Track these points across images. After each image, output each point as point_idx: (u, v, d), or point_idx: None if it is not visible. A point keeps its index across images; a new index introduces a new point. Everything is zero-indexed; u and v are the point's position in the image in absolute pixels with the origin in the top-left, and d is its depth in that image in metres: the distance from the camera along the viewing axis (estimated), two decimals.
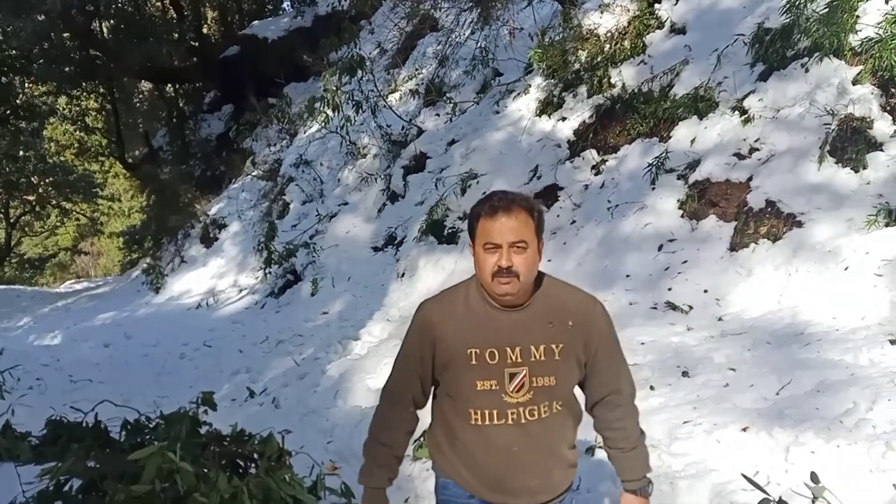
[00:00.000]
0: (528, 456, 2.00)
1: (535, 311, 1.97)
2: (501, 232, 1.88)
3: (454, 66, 9.77)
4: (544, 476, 2.04)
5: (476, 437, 2.00)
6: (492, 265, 1.89)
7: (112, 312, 11.77)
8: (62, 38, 15.86)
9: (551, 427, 2.01)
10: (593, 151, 6.75)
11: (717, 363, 3.90)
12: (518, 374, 1.93)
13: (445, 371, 2.01)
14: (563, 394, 2.00)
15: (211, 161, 16.34)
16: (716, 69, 6.05)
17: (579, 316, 2.00)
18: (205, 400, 4.37)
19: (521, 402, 1.95)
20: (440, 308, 2.05)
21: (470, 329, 1.97)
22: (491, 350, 1.94)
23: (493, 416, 1.95)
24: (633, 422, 2.10)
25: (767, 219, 4.93)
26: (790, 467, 2.80)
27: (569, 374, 1.99)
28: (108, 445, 3.65)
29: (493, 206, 1.91)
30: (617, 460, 2.11)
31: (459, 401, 2.00)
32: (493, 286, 1.91)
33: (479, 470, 2.05)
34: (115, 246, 24.91)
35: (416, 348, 2.05)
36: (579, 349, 1.98)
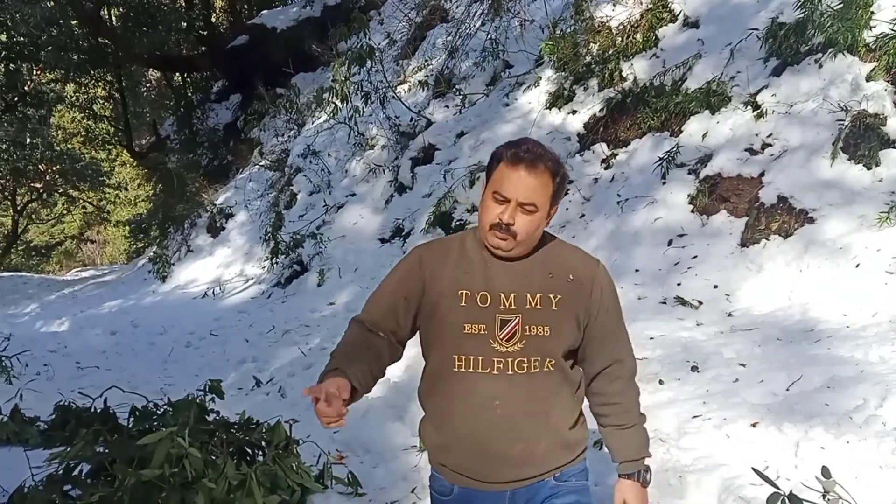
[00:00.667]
0: (511, 414, 1.81)
1: (535, 261, 1.85)
2: (516, 186, 1.75)
3: (464, 58, 9.74)
4: (528, 444, 1.83)
5: (457, 386, 1.83)
6: (493, 216, 1.78)
7: (119, 300, 11.81)
8: (70, 26, 15.86)
9: (541, 386, 1.83)
10: (603, 145, 6.72)
11: (727, 358, 3.88)
12: (510, 322, 1.79)
13: (433, 315, 1.85)
14: (557, 351, 1.83)
15: (218, 150, 16.35)
16: (729, 63, 6.01)
17: (581, 273, 1.87)
18: (212, 388, 4.40)
19: (511, 352, 1.80)
20: (433, 250, 1.92)
21: (463, 271, 1.85)
22: (483, 293, 1.81)
23: (479, 364, 1.80)
24: (633, 398, 1.95)
25: (779, 214, 4.90)
26: (800, 462, 2.79)
27: (565, 329, 1.83)
28: (116, 431, 3.66)
29: (516, 156, 1.76)
30: (612, 438, 1.94)
31: (444, 346, 1.85)
32: (488, 236, 1.80)
33: (455, 430, 1.86)
34: (121, 234, 24.97)
35: (403, 286, 1.89)
36: (579, 307, 1.84)
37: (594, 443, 3.37)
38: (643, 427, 1.96)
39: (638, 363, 4.03)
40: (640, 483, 1.92)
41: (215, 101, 18.15)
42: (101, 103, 20.93)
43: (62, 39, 15.62)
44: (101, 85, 19.67)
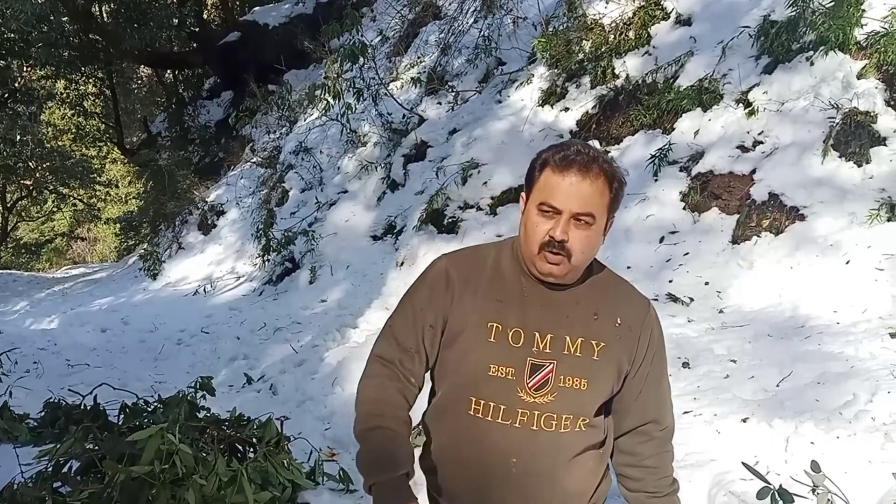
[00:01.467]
0: (528, 476, 1.54)
1: (580, 296, 1.57)
2: (568, 195, 1.46)
3: (457, 55, 9.73)
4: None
5: (470, 432, 1.55)
6: (542, 233, 1.48)
7: (109, 298, 11.74)
8: (61, 22, 15.75)
9: (567, 447, 1.55)
10: (596, 142, 6.72)
11: (718, 355, 3.90)
12: (542, 368, 1.51)
13: (453, 344, 1.57)
14: (593, 408, 1.57)
15: (210, 147, 16.28)
16: (721, 61, 6.03)
17: (631, 316, 1.60)
18: (203, 385, 4.37)
19: (539, 405, 1.51)
20: (463, 264, 1.62)
21: (496, 298, 1.55)
22: (516, 330, 1.52)
23: (500, 413, 1.51)
24: (669, 462, 1.69)
25: (770, 212, 4.92)
26: (790, 457, 2.81)
27: (604, 383, 1.57)
28: (106, 428, 3.63)
29: (567, 158, 1.48)
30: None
31: (460, 383, 1.57)
32: (537, 261, 1.51)
33: (461, 481, 1.59)
34: (111, 232, 24.84)
35: (426, 312, 1.59)
36: (623, 356, 1.58)
37: None
38: (677, 497, 1.70)
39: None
40: None
41: (207, 98, 18.07)
42: (91, 100, 20.80)
43: (53, 36, 15.52)
44: (91, 82, 19.56)
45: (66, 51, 16.36)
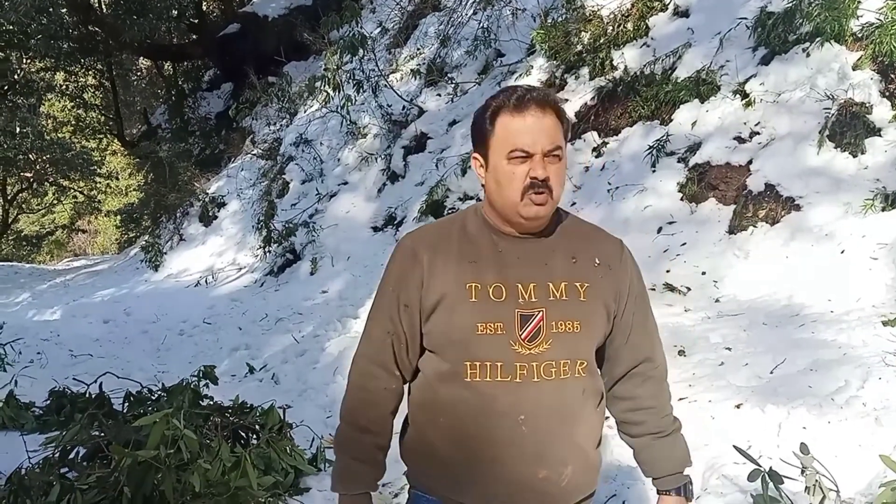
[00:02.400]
0: (538, 432, 1.48)
1: (554, 242, 1.55)
2: (534, 133, 1.44)
3: (456, 46, 9.75)
4: (554, 469, 1.51)
5: (472, 399, 1.49)
6: (521, 178, 1.45)
7: (111, 289, 11.80)
8: (60, 14, 15.75)
9: (571, 396, 1.52)
10: (594, 133, 6.77)
11: (713, 343, 3.96)
12: (532, 317, 1.48)
13: (434, 316, 1.52)
14: (588, 351, 1.54)
15: (210, 139, 16.30)
16: (718, 52, 6.05)
17: (607, 255, 1.59)
18: (206, 373, 4.45)
19: (536, 355, 1.47)
20: (430, 237, 1.59)
21: (468, 259, 1.52)
22: (496, 285, 1.48)
23: (497, 371, 1.47)
24: (668, 401, 1.67)
25: (766, 202, 4.96)
26: (782, 442, 2.86)
27: (595, 322, 1.54)
28: (111, 416, 3.70)
29: (522, 99, 1.46)
30: (649, 451, 1.64)
31: (451, 353, 1.51)
32: (522, 208, 1.47)
33: (470, 453, 1.51)
34: (112, 224, 24.86)
35: (398, 293, 1.56)
36: (608, 294, 1.55)
37: None
38: (681, 434, 1.67)
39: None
40: (684, 498, 1.64)
41: (207, 90, 18.09)
42: (91, 92, 20.83)
43: (52, 27, 15.51)
44: (91, 73, 19.57)
45: (66, 42, 16.36)
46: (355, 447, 1.61)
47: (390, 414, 1.63)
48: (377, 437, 1.62)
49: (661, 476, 1.65)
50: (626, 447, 1.71)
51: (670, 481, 1.63)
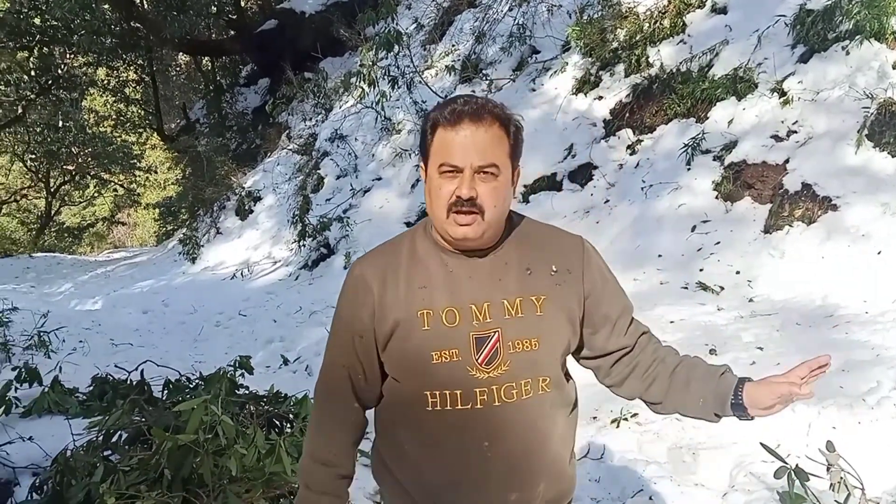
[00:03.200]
0: (506, 455, 1.45)
1: (506, 255, 1.48)
2: (465, 148, 1.37)
3: (491, 43, 9.76)
4: (527, 489, 1.49)
5: (434, 429, 1.46)
6: (447, 195, 1.39)
7: (150, 281, 12.06)
8: (103, 10, 16.10)
9: (537, 414, 1.47)
10: (629, 131, 6.75)
11: (746, 342, 3.94)
12: (488, 339, 1.41)
13: (389, 345, 1.47)
14: (550, 366, 1.48)
15: (247, 134, 16.52)
16: (756, 50, 6.00)
17: (565, 259, 1.50)
18: (242, 364, 4.54)
19: (495, 378, 1.41)
20: (378, 263, 1.51)
21: (419, 285, 1.45)
22: (449, 309, 1.42)
23: (457, 399, 1.42)
24: (662, 345, 1.59)
25: (803, 201, 4.92)
26: (811, 441, 2.85)
27: (556, 335, 1.47)
28: (151, 402, 3.80)
29: (455, 112, 1.38)
30: (695, 381, 1.49)
31: (410, 382, 1.47)
32: (448, 226, 1.41)
33: (436, 483, 1.50)
34: (150, 217, 25.33)
35: (350, 323, 1.51)
36: (570, 301, 1.48)
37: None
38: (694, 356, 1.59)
39: None
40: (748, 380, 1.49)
41: (244, 85, 18.33)
42: (132, 87, 21.20)
43: (95, 23, 15.87)
44: (132, 69, 19.92)
45: (108, 38, 16.71)
46: (315, 479, 1.58)
47: (351, 445, 1.59)
48: (338, 468, 1.58)
49: (721, 376, 1.49)
50: (652, 443, 1.70)
51: (726, 379, 1.49)
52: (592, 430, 3.52)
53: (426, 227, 1.52)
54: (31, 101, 18.34)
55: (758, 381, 1.47)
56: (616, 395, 1.63)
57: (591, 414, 3.67)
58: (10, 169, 24.78)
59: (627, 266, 5.34)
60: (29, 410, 3.97)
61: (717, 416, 1.52)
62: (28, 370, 4.42)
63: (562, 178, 6.93)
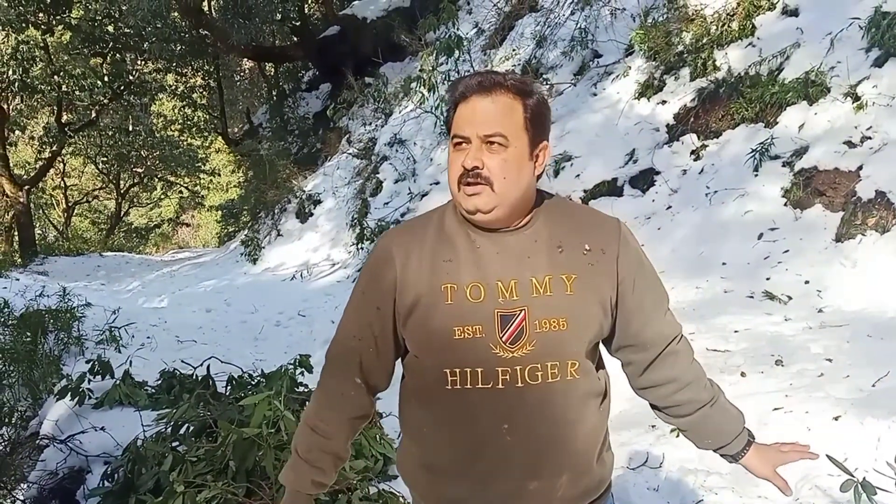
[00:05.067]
0: (525, 441, 1.39)
1: (537, 232, 1.42)
2: (472, 118, 1.36)
3: (552, 47, 9.71)
4: (547, 480, 1.42)
5: (453, 407, 1.41)
6: (458, 167, 1.38)
7: (213, 280, 12.37)
8: (173, 18, 16.63)
9: (563, 401, 1.40)
10: (693, 136, 6.62)
11: (814, 353, 3.82)
12: (514, 317, 1.36)
13: (410, 320, 1.42)
14: (579, 349, 1.40)
15: (308, 138, 16.82)
16: (829, 53, 5.82)
17: (600, 238, 1.44)
18: (301, 362, 4.61)
19: (519, 358, 1.36)
20: (405, 236, 1.47)
21: (444, 258, 1.41)
22: (474, 284, 1.37)
23: (478, 378, 1.37)
24: (702, 369, 1.55)
25: (876, 210, 4.74)
26: (880, 455, 2.75)
27: (587, 318, 1.40)
28: (216, 396, 3.91)
29: (467, 86, 1.38)
30: (705, 423, 1.52)
31: (430, 359, 1.42)
32: (461, 198, 1.39)
33: (451, 464, 1.44)
34: (213, 219, 26.03)
35: (371, 294, 1.47)
36: (603, 283, 1.41)
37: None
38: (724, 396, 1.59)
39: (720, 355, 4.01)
40: (758, 444, 1.58)
41: (306, 91, 18.68)
42: (199, 92, 21.84)
43: (166, 31, 16.41)
44: (199, 74, 20.53)
45: (178, 45, 17.25)
46: (301, 442, 1.56)
47: (347, 420, 1.54)
48: (326, 439, 1.53)
49: (731, 439, 1.54)
50: (714, 454, 1.64)
51: (741, 438, 1.54)
52: (651, 439, 3.47)
53: (455, 205, 1.47)
54: (104, 106, 19.08)
55: (767, 447, 1.58)
56: (633, 386, 1.59)
57: (650, 422, 3.61)
58: (83, 171, 25.81)
59: (690, 274, 5.24)
60: (101, 402, 4.13)
61: (715, 452, 1.60)
62: (101, 363, 4.60)
63: (623, 183, 6.85)
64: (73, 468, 3.51)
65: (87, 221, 28.29)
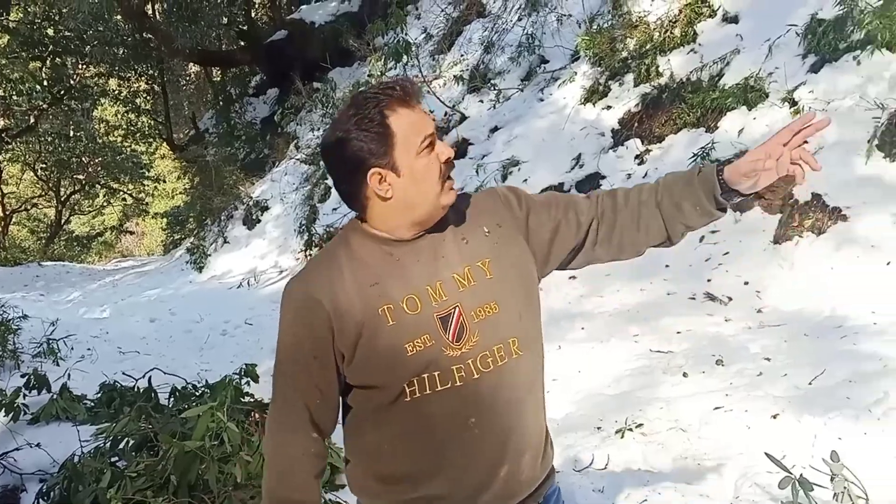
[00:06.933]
0: (492, 429, 1.42)
1: (441, 232, 1.46)
2: (421, 121, 1.39)
3: (500, 53, 9.79)
4: (514, 461, 1.46)
5: (416, 416, 1.41)
6: (437, 164, 1.40)
7: (157, 290, 12.10)
8: (116, 21, 16.25)
9: (514, 380, 1.45)
10: (638, 141, 6.74)
11: (753, 353, 3.92)
12: (451, 317, 1.40)
13: (357, 354, 1.40)
14: (514, 326, 1.45)
15: (255, 144, 16.61)
16: (767, 59, 5.98)
17: (490, 215, 1.51)
18: (247, 371, 4.55)
19: (468, 352, 1.40)
20: (319, 277, 1.44)
21: (369, 283, 1.40)
22: (408, 297, 1.39)
23: (436, 381, 1.38)
24: (632, 188, 1.59)
25: (812, 212, 4.89)
26: (816, 452, 2.82)
27: (511, 293, 1.46)
28: (158, 409, 3.81)
29: (406, 90, 1.39)
30: (674, 191, 1.52)
31: (385, 381, 1.41)
32: (444, 196, 1.42)
33: (425, 471, 1.44)
34: (158, 226, 25.51)
35: (305, 346, 1.43)
36: (516, 252, 1.49)
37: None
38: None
39: (662, 356, 4.08)
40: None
41: (253, 96, 18.44)
42: (142, 97, 21.38)
43: (108, 34, 16.05)
44: (143, 79, 20.10)
45: (120, 49, 16.86)
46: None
47: (315, 478, 1.50)
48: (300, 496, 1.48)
49: (699, 175, 1.51)
50: (657, 454, 1.65)
51: (706, 175, 1.49)
52: (596, 440, 3.50)
53: (356, 228, 1.47)
54: (44, 111, 18.53)
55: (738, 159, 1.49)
56: (629, 259, 1.64)
57: (595, 424, 3.65)
58: (21, 178, 24.99)
59: (634, 276, 5.33)
60: (37, 417, 3.99)
61: (720, 211, 1.52)
62: (37, 377, 4.45)
63: (569, 187, 6.93)
64: (6, 487, 3.38)
65: (25, 230, 27.37)
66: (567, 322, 5.17)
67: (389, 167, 1.37)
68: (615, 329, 4.84)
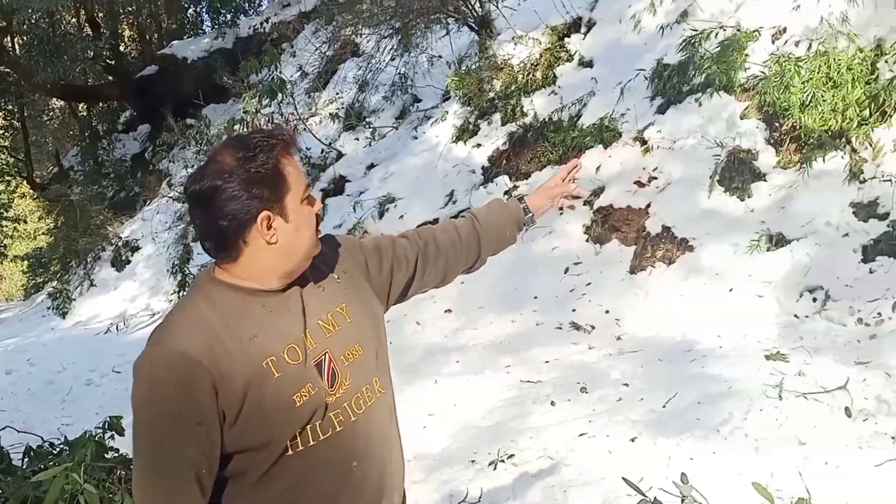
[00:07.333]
0: (373, 470, 1.47)
1: (302, 281, 1.48)
2: (300, 173, 1.44)
3: (374, 92, 9.94)
4: (391, 495, 1.53)
5: (302, 469, 1.39)
6: (312, 218, 1.47)
7: (15, 338, 11.30)
8: None
9: (382, 419, 1.53)
10: (506, 177, 6.99)
11: (614, 379, 4.13)
12: (324, 363, 1.42)
13: (243, 413, 1.33)
14: (375, 366, 1.53)
15: (125, 182, 15.93)
16: (619, 101, 6.39)
17: (338, 264, 1.58)
18: (112, 425, 4.31)
19: (343, 396, 1.43)
20: (190, 336, 1.35)
21: (247, 337, 1.36)
22: (289, 347, 1.39)
23: (318, 432, 1.39)
24: (447, 222, 1.86)
25: (663, 243, 5.24)
26: (671, 473, 3.00)
27: (368, 335, 1.53)
28: (9, 472, 3.57)
29: (291, 138, 1.45)
30: (488, 218, 1.84)
31: (271, 438, 1.37)
32: (316, 246, 1.49)
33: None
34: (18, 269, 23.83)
35: (186, 414, 1.31)
36: (364, 297, 1.58)
37: None
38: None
39: (532, 386, 4.22)
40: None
41: (122, 132, 17.70)
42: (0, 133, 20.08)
43: None
44: (1, 114, 18.90)
45: None
46: None
47: None
48: None
49: (508, 213, 1.88)
50: (527, 483, 1.74)
51: (511, 203, 1.90)
52: (471, 473, 3.58)
53: (212, 280, 1.43)
54: None
55: (533, 192, 1.96)
56: (448, 284, 1.87)
57: (470, 457, 3.74)
58: None
59: (505, 308, 5.51)
60: None
61: (518, 237, 1.91)
62: None
63: None
64: None
65: None
66: (443, 356, 5.26)
67: (279, 212, 1.38)
68: (488, 361, 4.96)
